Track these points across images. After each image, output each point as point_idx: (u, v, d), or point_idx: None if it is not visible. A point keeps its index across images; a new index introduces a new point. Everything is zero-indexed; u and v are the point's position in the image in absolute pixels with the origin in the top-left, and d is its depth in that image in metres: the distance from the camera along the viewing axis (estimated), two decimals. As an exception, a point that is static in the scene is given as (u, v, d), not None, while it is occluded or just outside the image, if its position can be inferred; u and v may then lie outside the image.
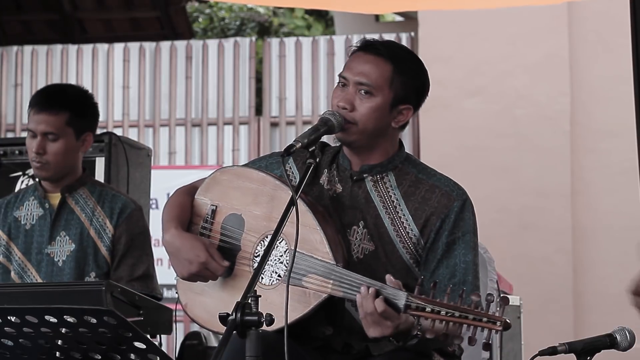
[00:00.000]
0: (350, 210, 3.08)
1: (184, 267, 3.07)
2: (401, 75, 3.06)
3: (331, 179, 3.14)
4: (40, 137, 3.98)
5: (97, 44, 9.33)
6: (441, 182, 3.09)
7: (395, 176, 3.10)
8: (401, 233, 3.04)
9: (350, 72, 3.07)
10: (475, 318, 2.68)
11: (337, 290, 2.89)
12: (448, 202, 3.04)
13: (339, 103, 3.05)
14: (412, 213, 3.04)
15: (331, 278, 2.90)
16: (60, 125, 3.99)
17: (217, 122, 9.04)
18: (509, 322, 2.68)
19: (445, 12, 7.61)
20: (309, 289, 2.92)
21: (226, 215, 3.14)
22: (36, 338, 2.79)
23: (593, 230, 7.57)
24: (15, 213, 4.12)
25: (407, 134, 8.68)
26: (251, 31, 14.57)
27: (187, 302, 3.17)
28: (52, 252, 4.02)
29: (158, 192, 7.21)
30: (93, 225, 4.02)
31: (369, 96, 3.04)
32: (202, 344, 5.58)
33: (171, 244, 3.10)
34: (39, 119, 3.99)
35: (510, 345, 4.63)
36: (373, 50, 3.09)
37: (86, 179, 4.13)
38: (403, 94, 3.07)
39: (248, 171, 3.17)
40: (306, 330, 3.01)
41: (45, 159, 3.98)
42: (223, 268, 3.06)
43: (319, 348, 3.05)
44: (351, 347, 3.03)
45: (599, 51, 7.63)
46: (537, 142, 7.65)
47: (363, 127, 3.05)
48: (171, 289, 8.23)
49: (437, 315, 2.70)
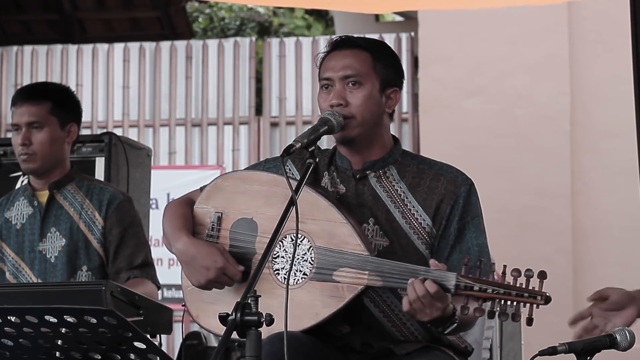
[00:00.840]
0: (358, 209, 3.08)
1: (201, 274, 3.04)
2: (380, 60, 3.11)
3: (332, 180, 3.14)
4: (25, 129, 4.00)
5: (97, 44, 9.33)
6: (444, 170, 3.12)
7: (397, 169, 3.11)
8: (414, 225, 3.05)
9: (332, 71, 3.09)
10: (518, 294, 2.74)
11: (374, 280, 2.90)
12: (455, 188, 3.07)
13: (332, 101, 3.06)
14: (421, 203, 3.06)
15: (367, 269, 2.90)
16: (44, 113, 4.02)
17: (217, 122, 9.04)
18: (549, 296, 2.76)
19: (445, 12, 7.61)
20: (342, 283, 2.92)
21: (235, 220, 3.12)
22: (36, 338, 2.79)
23: (593, 230, 7.57)
24: (6, 214, 4.13)
25: (407, 134, 8.68)
26: (251, 31, 14.57)
27: (198, 313, 3.13)
28: (44, 249, 4.02)
29: (158, 192, 7.22)
30: (82, 219, 4.02)
31: (358, 86, 3.07)
32: (202, 344, 5.58)
33: (185, 252, 3.07)
34: (22, 110, 4.02)
35: (510, 345, 4.63)
36: (346, 45, 3.13)
37: (74, 174, 4.12)
38: (387, 77, 3.12)
39: (256, 174, 3.16)
40: (322, 329, 3.00)
41: (32, 149, 4.00)
42: (240, 273, 3.04)
43: (338, 348, 3.05)
44: (370, 346, 3.03)
45: (599, 51, 7.63)
46: (537, 142, 7.64)
47: (362, 119, 3.06)
48: (171, 289, 8.25)
49: (484, 293, 2.76)
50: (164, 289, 8.11)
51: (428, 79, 7.96)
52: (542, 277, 2.72)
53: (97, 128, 9.00)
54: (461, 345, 3.14)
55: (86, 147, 4.87)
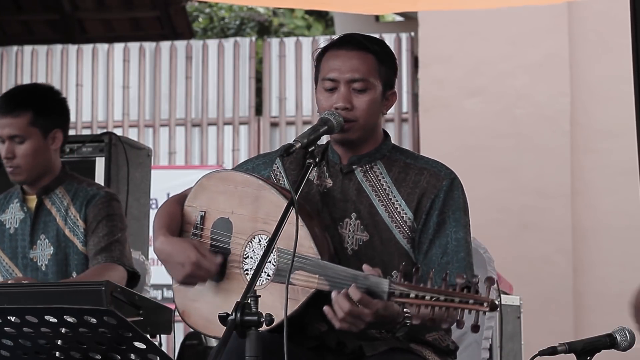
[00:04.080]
0: (342, 204, 3.08)
1: (178, 270, 3.05)
2: (382, 63, 3.10)
3: (321, 174, 3.14)
4: (7, 142, 3.95)
5: (97, 44, 9.33)
6: (429, 164, 3.11)
7: (384, 164, 3.11)
8: (396, 219, 3.05)
9: (337, 72, 3.06)
10: (461, 300, 2.62)
11: (322, 284, 2.88)
12: (437, 182, 3.05)
13: (338, 104, 3.04)
14: (404, 198, 3.05)
15: (317, 273, 2.89)
16: (23, 126, 3.94)
17: (217, 122, 9.04)
18: (495, 303, 2.62)
19: (445, 12, 7.61)
20: (297, 285, 2.92)
21: (215, 220, 3.14)
22: (36, 338, 2.79)
23: (593, 230, 7.57)
24: (1, 217, 4.10)
25: (407, 134, 8.68)
26: (251, 31, 14.57)
27: (184, 309, 3.15)
28: (34, 257, 4.00)
29: (158, 192, 7.21)
30: (67, 225, 3.98)
31: (364, 91, 3.06)
32: (202, 344, 5.59)
33: (162, 250, 3.10)
34: (3, 123, 3.95)
35: (510, 345, 4.63)
36: (352, 45, 3.10)
37: (64, 177, 4.06)
38: (389, 80, 3.11)
39: (232, 174, 3.18)
40: (301, 328, 3.00)
41: (16, 162, 3.95)
42: (216, 265, 3.04)
43: (313, 348, 3.04)
44: (345, 345, 3.02)
45: (599, 51, 7.63)
46: (537, 142, 7.64)
47: (364, 123, 3.07)
48: (171, 289, 8.24)
49: (422, 300, 2.65)
50: (163, 289, 8.11)
51: (428, 79, 7.96)
52: (490, 283, 2.61)
53: (97, 128, 9.00)
54: (442, 344, 3.11)
55: (86, 147, 4.87)
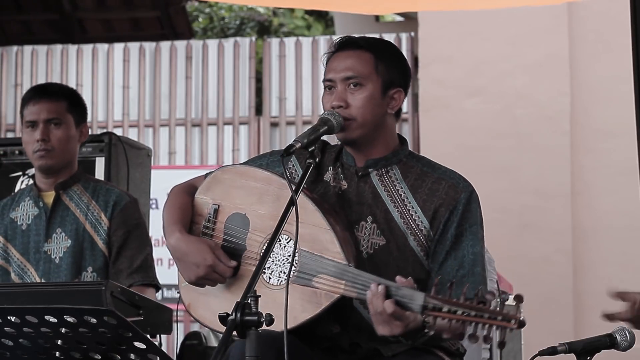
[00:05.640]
0: (357, 206, 3.08)
1: (192, 271, 3.06)
2: (383, 60, 3.11)
3: (336, 176, 3.14)
4: (42, 125, 4.04)
5: (97, 44, 9.33)
6: (447, 174, 3.11)
7: (400, 169, 3.11)
8: (411, 225, 3.05)
9: (333, 72, 3.11)
10: (490, 317, 2.65)
11: (349, 290, 2.88)
12: (455, 194, 3.06)
13: (333, 103, 3.07)
14: (420, 205, 3.06)
15: (344, 278, 2.89)
16: (62, 111, 4.08)
17: (217, 122, 9.04)
18: (523, 320, 2.66)
19: (445, 12, 7.61)
20: (320, 289, 2.92)
21: (229, 214, 3.13)
22: (36, 338, 2.79)
23: (593, 230, 7.56)
24: (12, 214, 4.15)
25: (407, 134, 8.68)
26: (251, 31, 14.57)
27: (190, 301, 3.16)
28: (49, 250, 4.03)
29: (158, 192, 7.19)
30: (88, 220, 4.04)
31: (359, 87, 3.07)
32: (202, 344, 5.59)
33: (177, 248, 3.09)
34: (40, 107, 4.06)
35: (510, 345, 4.63)
36: (349, 46, 3.13)
37: (80, 175, 4.16)
38: (390, 78, 3.11)
39: (252, 170, 3.16)
40: (312, 329, 3.00)
41: (51, 145, 4.04)
42: (230, 270, 3.05)
43: (326, 349, 3.05)
44: (359, 346, 3.03)
45: (599, 51, 7.63)
46: (537, 142, 7.64)
47: (362, 120, 3.07)
48: (171, 289, 8.24)
49: (454, 315, 2.66)
50: (164, 289, 8.10)
51: (428, 79, 7.96)
52: (519, 301, 2.65)
53: (97, 128, 8.99)
54: (453, 347, 3.12)
55: (86, 147, 4.87)
